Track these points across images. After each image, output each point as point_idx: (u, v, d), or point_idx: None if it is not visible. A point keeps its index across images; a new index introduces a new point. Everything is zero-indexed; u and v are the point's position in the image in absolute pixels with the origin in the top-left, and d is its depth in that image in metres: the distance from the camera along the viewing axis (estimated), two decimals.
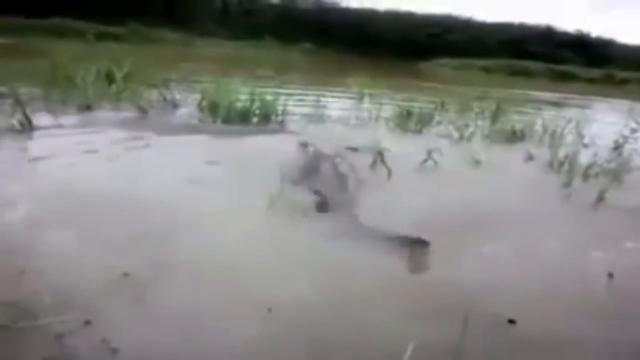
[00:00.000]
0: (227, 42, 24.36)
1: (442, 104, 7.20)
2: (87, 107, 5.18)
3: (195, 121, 5.20)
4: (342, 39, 30.91)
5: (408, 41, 35.12)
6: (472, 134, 5.62)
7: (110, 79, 6.30)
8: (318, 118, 5.79)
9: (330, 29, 31.51)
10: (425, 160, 3.91)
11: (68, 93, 5.73)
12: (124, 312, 1.68)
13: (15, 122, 4.02)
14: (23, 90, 5.39)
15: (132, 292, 1.79)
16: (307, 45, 29.10)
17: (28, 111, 4.16)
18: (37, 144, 3.69)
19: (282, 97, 5.84)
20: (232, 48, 22.87)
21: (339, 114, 6.22)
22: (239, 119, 5.24)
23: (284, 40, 27.48)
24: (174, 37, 22.16)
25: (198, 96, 6.13)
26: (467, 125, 5.84)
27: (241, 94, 6.00)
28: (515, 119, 6.73)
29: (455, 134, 5.55)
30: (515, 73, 26.26)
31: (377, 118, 6.13)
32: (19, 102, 4.22)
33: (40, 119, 4.31)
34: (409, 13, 41.01)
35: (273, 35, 27.59)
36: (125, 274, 1.87)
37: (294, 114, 5.68)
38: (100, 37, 18.10)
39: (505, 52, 32.30)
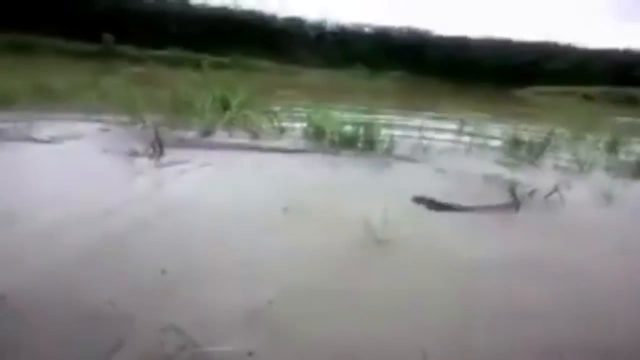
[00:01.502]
0: (320, 71, 25.14)
1: (552, 133, 6.84)
2: (207, 133, 5.55)
3: (303, 145, 5.33)
4: (434, 67, 30.69)
5: (503, 68, 34.05)
6: (591, 166, 5.28)
7: (224, 105, 6.75)
8: (423, 146, 5.71)
9: (423, 56, 31.46)
10: (550, 194, 3.71)
11: (188, 119, 6.22)
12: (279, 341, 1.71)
13: (146, 147, 4.35)
14: (153, 117, 6.02)
15: (280, 321, 1.81)
16: (399, 73, 29.21)
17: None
18: (170, 169, 3.98)
19: (383, 124, 5.90)
20: (325, 76, 23.58)
21: (442, 142, 6.14)
22: (346, 145, 5.33)
23: (376, 68, 27.81)
24: (271, 65, 23.31)
25: (301, 122, 6.40)
26: (583, 156, 5.51)
27: (345, 120, 6.18)
28: (637, 151, 6.26)
29: (574, 166, 5.24)
30: (619, 100, 24.41)
31: (484, 147, 5.97)
32: (152, 129, 4.58)
33: (167, 143, 4.69)
34: (505, 40, 39.88)
35: (365, 63, 28.02)
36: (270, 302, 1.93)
37: (397, 141, 5.67)
38: (207, 65, 19.79)
39: (608, 78, 30.20)
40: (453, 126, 8.00)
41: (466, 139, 6.46)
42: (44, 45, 20.13)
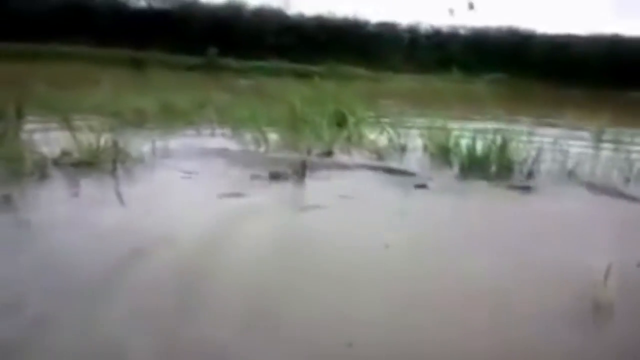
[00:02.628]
0: (415, 76, 24.60)
1: None
2: (329, 153, 5.42)
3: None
4: (535, 68, 28.78)
5: (613, 68, 31.14)
6: None
7: (339, 122, 6.66)
8: (568, 166, 5.06)
9: (522, 57, 29.66)
10: None
11: (303, 137, 6.17)
12: None
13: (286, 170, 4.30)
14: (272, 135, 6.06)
15: None
16: (497, 75, 27.77)
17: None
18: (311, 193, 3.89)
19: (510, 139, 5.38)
20: (420, 82, 23.03)
21: (583, 161, 5.43)
22: (479, 169, 4.93)
23: (473, 72, 26.67)
24: (365, 73, 23.17)
25: (418, 138, 6.13)
26: None
27: (463, 136, 5.80)
28: None
29: None
30: None
31: None
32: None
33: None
34: (615, 35, 36.48)
35: (461, 67, 26.98)
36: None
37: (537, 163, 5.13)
38: (303, 75, 20.11)
39: None
40: (584, 140, 7.31)
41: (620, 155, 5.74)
42: (153, 60, 21.61)
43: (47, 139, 4.46)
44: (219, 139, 5.87)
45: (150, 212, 3.00)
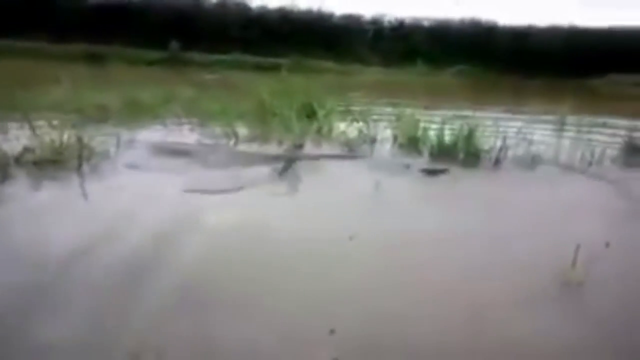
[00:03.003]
0: (380, 69, 24.80)
1: None
2: (300, 146, 5.40)
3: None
4: (498, 59, 29.47)
5: (572, 57, 32.25)
6: None
7: (308, 114, 6.64)
8: (531, 155, 5.21)
9: (485, 48, 30.28)
10: None
11: (272, 130, 6.13)
12: None
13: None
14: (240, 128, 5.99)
15: None
16: (462, 67, 28.27)
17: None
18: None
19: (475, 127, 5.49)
20: (386, 74, 23.25)
21: (548, 149, 5.60)
22: (446, 156, 5.03)
23: (437, 63, 27.07)
24: (331, 65, 23.18)
25: (387, 129, 6.20)
26: None
27: (429, 125, 5.90)
28: None
29: None
30: None
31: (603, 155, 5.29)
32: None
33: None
34: (573, 26, 37.77)
35: (425, 59, 27.34)
36: None
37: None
38: (268, 68, 19.97)
39: None
40: (547, 125, 7.55)
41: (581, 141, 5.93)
42: (113, 55, 20.99)
43: (7, 137, 4.29)
44: (187, 134, 5.75)
45: (113, 209, 2.92)
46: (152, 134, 5.51)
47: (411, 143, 5.51)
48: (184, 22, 23.66)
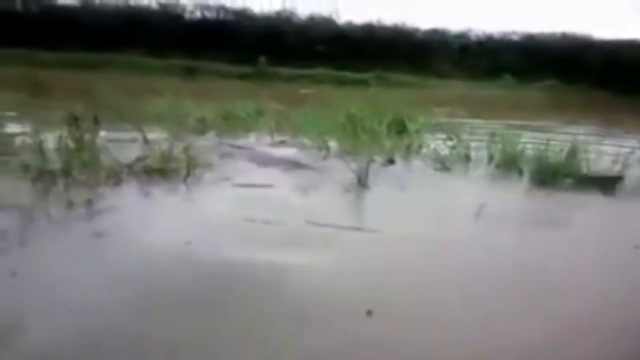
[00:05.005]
0: (465, 82, 24.08)
1: None
2: (390, 161, 5.32)
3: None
4: (589, 74, 27.53)
5: None
6: None
7: (400, 130, 6.54)
8: None
9: (576, 62, 28.47)
10: None
11: (362, 145, 6.08)
12: None
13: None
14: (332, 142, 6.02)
15: None
16: (550, 81, 26.74)
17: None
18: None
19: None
20: (471, 88, 22.56)
21: None
22: (551, 178, 4.69)
23: (525, 78, 25.82)
24: (414, 80, 22.86)
25: (479, 146, 5.94)
26: None
27: (527, 143, 5.59)
28: None
29: None
30: None
31: None
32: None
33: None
34: None
35: (513, 74, 26.18)
36: None
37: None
38: (350, 82, 20.14)
39: None
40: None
41: None
42: (206, 69, 22.18)
43: (120, 145, 4.61)
44: (281, 147, 5.87)
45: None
46: (248, 145, 5.68)
47: (509, 162, 5.22)
48: (273, 37, 24.49)
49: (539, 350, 1.80)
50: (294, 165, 4.75)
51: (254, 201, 3.47)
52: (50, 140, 4.04)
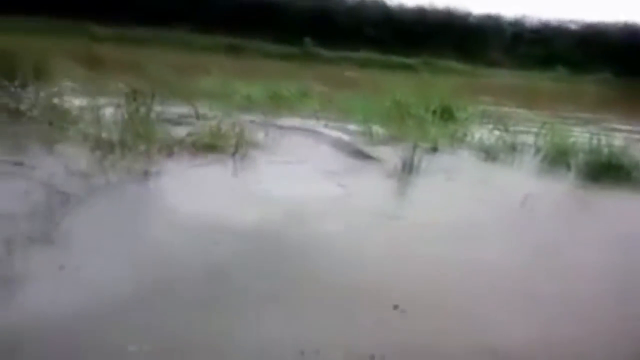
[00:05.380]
0: (516, 72, 23.30)
1: None
2: (434, 149, 5.26)
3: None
4: None
5: None
6: None
7: (446, 116, 6.43)
8: None
9: (637, 54, 26.95)
10: None
11: (408, 130, 6.01)
12: None
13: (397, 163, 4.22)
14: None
15: None
16: (607, 74, 25.50)
17: None
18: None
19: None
20: (521, 79, 21.81)
21: None
22: (600, 174, 4.54)
23: (579, 70, 24.73)
24: (462, 67, 22.31)
25: (526, 137, 5.77)
26: None
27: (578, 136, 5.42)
28: None
29: None
30: None
31: None
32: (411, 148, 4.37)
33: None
34: None
35: (567, 65, 25.11)
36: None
37: None
38: (396, 67, 19.85)
39: None
40: None
41: None
42: (251, 47, 22.35)
43: (172, 120, 4.75)
44: (325, 128, 5.90)
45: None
46: (294, 124, 5.74)
47: (558, 155, 5.07)
48: (320, 19, 24.36)
49: (576, 344, 1.80)
50: (338, 147, 4.78)
51: (296, 179, 3.54)
52: (107, 111, 4.22)
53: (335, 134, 5.57)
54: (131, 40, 19.74)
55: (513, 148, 5.47)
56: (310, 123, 6.17)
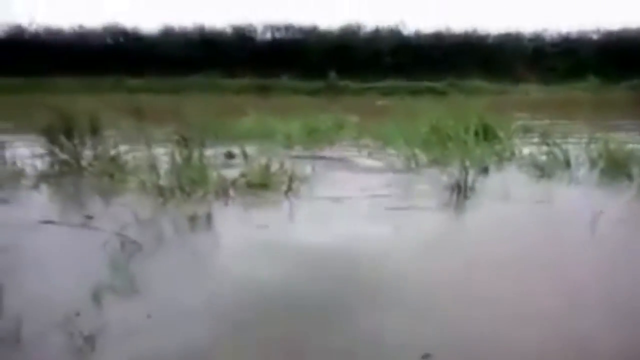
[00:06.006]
0: (541, 87, 23.03)
1: None
2: (484, 170, 5.16)
3: None
4: None
5: None
6: None
7: (488, 137, 6.34)
8: None
9: None
10: None
11: (448, 153, 5.93)
12: None
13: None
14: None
15: None
16: (638, 81, 24.85)
17: None
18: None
19: None
20: (547, 92, 21.56)
21: None
22: None
23: (608, 79, 24.22)
24: (487, 86, 22.19)
25: (576, 150, 5.60)
26: None
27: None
28: None
29: None
30: None
31: None
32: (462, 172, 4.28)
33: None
34: None
35: (594, 74, 24.66)
36: None
37: None
38: (423, 91, 19.86)
39: None
40: None
41: None
42: (278, 86, 22.89)
43: (222, 163, 4.83)
44: (368, 158, 5.90)
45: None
46: (337, 157, 5.76)
47: (617, 166, 4.89)
48: (340, 52, 24.83)
49: None
50: (385, 175, 4.76)
51: (352, 213, 3.51)
52: (161, 159, 4.34)
53: (379, 162, 5.56)
54: (164, 89, 20.48)
55: (566, 162, 5.32)
56: (353, 154, 6.18)
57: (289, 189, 4.02)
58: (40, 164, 4.80)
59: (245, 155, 4.84)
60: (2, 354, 1.69)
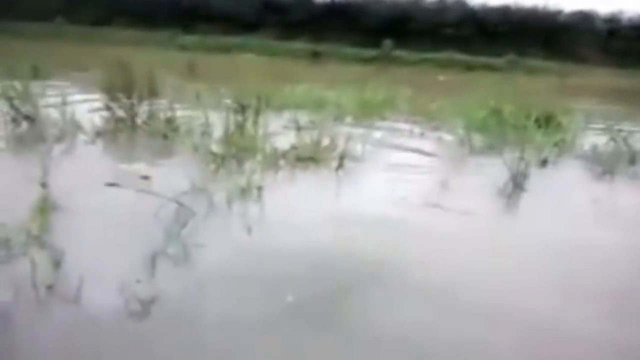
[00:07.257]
0: (613, 71, 21.60)
1: None
2: (544, 162, 4.91)
3: None
4: None
5: None
6: None
7: (549, 124, 6.02)
8: None
9: None
10: None
11: (506, 139, 5.67)
12: None
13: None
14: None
15: None
16: None
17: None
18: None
19: None
20: (620, 77, 20.17)
21: None
22: None
23: None
24: (552, 67, 21.05)
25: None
26: None
27: None
28: None
29: None
30: None
31: None
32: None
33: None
34: None
35: None
36: None
37: None
38: (480, 67, 19.06)
39: None
40: None
41: None
42: (331, 52, 22.55)
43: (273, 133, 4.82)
44: (420, 138, 5.75)
45: None
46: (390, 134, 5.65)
47: None
48: (400, 21, 24.11)
49: None
50: (439, 158, 4.63)
51: (400, 193, 3.44)
52: (215, 122, 4.38)
53: (432, 143, 5.41)
54: (217, 48, 20.61)
55: (632, 158, 5.01)
56: (404, 132, 6.03)
57: (340, 165, 3.98)
58: (98, 120, 4.90)
59: (298, 127, 4.79)
60: (63, 313, 1.78)
